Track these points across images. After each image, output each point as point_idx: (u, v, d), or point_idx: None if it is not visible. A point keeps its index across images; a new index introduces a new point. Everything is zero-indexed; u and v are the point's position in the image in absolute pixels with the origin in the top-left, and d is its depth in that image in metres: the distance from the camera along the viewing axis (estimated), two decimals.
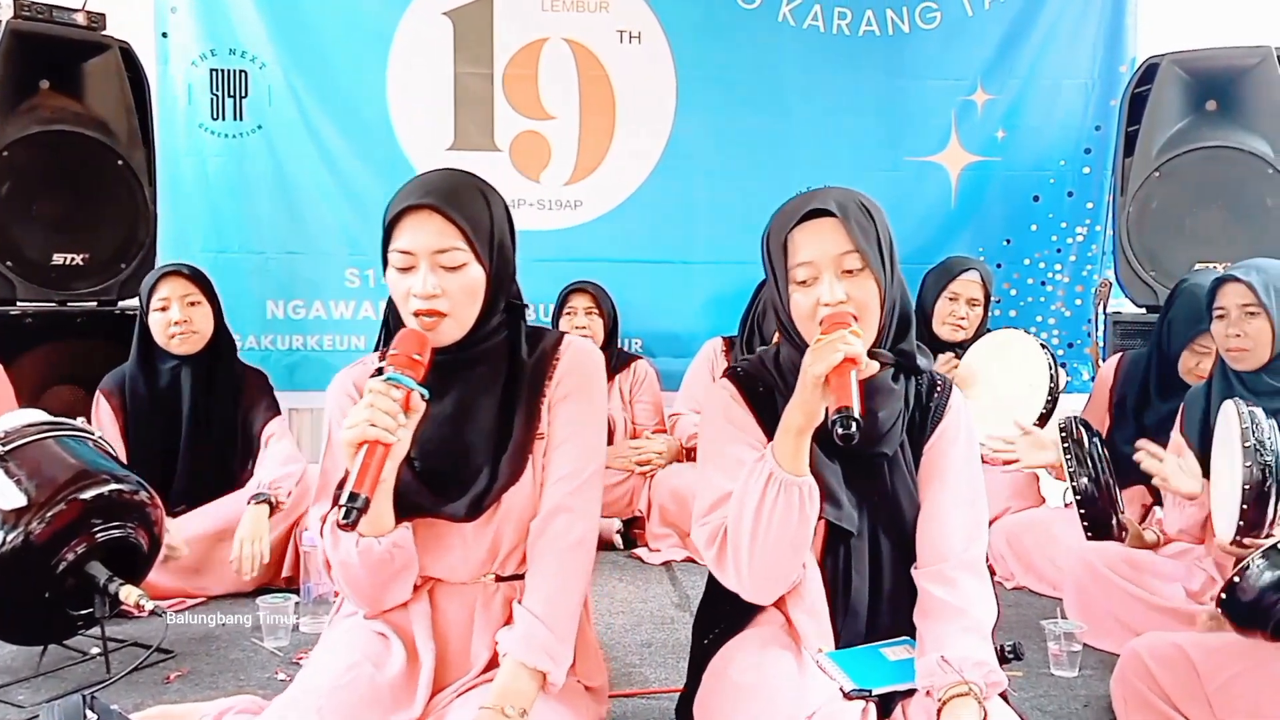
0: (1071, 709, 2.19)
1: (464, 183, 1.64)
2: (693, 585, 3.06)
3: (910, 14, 4.12)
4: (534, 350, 1.69)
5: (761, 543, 1.52)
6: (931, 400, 1.68)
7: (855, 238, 1.55)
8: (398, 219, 1.58)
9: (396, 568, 1.58)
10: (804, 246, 1.58)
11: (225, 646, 2.50)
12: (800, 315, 1.60)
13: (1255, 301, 2.33)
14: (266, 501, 2.82)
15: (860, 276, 1.57)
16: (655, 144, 4.10)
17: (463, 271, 1.57)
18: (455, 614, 1.65)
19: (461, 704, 1.55)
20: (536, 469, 1.64)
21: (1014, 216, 4.20)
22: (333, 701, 1.50)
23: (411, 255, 1.56)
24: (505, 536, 1.64)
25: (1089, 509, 2.71)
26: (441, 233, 1.56)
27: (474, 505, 1.60)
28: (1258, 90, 3.63)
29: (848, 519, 1.60)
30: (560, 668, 1.55)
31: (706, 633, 1.75)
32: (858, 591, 1.62)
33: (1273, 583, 1.63)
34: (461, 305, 1.58)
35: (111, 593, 2.17)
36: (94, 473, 2.24)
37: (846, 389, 1.46)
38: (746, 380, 1.70)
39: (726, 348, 3.81)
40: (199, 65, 3.90)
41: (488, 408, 1.64)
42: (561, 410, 1.66)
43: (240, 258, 3.95)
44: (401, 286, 1.58)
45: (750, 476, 1.53)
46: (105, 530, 2.21)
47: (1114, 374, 3.20)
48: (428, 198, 1.57)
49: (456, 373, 1.63)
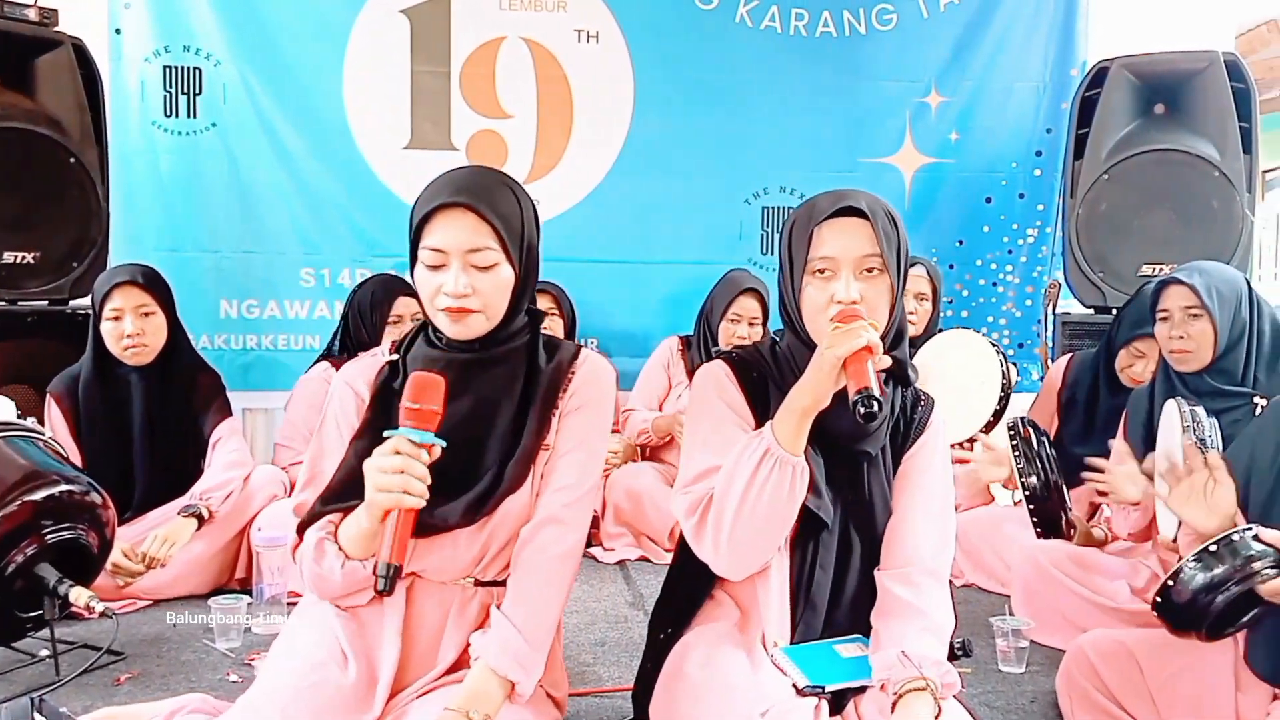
0: (1018, 704, 2.22)
1: (497, 180, 1.62)
2: (647, 585, 3.08)
3: (866, 16, 4.16)
4: (551, 359, 1.68)
5: (747, 516, 1.53)
6: (916, 413, 1.72)
7: (880, 242, 1.58)
8: (429, 216, 1.56)
9: (371, 583, 1.56)
10: (829, 241, 1.60)
11: (177, 648, 2.48)
12: (812, 307, 1.62)
13: (1198, 304, 2.37)
14: (195, 514, 2.80)
15: (877, 279, 1.60)
16: (613, 144, 4.10)
17: (494, 271, 1.56)
18: (430, 613, 1.64)
19: (423, 704, 1.54)
20: (536, 478, 1.64)
21: (967, 218, 4.25)
22: (296, 704, 1.49)
23: (443, 253, 1.55)
24: (495, 542, 1.63)
25: (1039, 508, 2.76)
26: (475, 231, 1.55)
27: (471, 510, 1.59)
28: (1204, 94, 3.69)
29: (825, 510, 1.62)
30: (531, 680, 1.55)
31: (661, 630, 1.76)
32: (819, 585, 1.64)
33: (1205, 584, 1.66)
34: (491, 304, 1.58)
35: (61, 595, 2.15)
36: (44, 474, 2.22)
37: (865, 373, 1.49)
38: (742, 364, 1.72)
39: (683, 347, 3.82)
40: (152, 62, 3.85)
41: (505, 411, 1.63)
42: (570, 421, 1.66)
43: (194, 257, 3.90)
44: (431, 284, 1.56)
45: (745, 450, 1.54)
46: (55, 532, 2.18)
47: (1062, 375, 3.25)
48: (461, 195, 1.55)
49: (479, 371, 1.62)
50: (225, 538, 2.87)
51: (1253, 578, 1.64)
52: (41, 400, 2.95)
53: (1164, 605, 1.72)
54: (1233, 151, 3.65)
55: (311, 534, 1.59)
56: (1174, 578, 1.69)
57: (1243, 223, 3.62)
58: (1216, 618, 1.69)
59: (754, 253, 4.19)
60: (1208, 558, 1.67)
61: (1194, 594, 1.67)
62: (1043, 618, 2.57)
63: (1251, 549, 1.65)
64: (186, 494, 2.89)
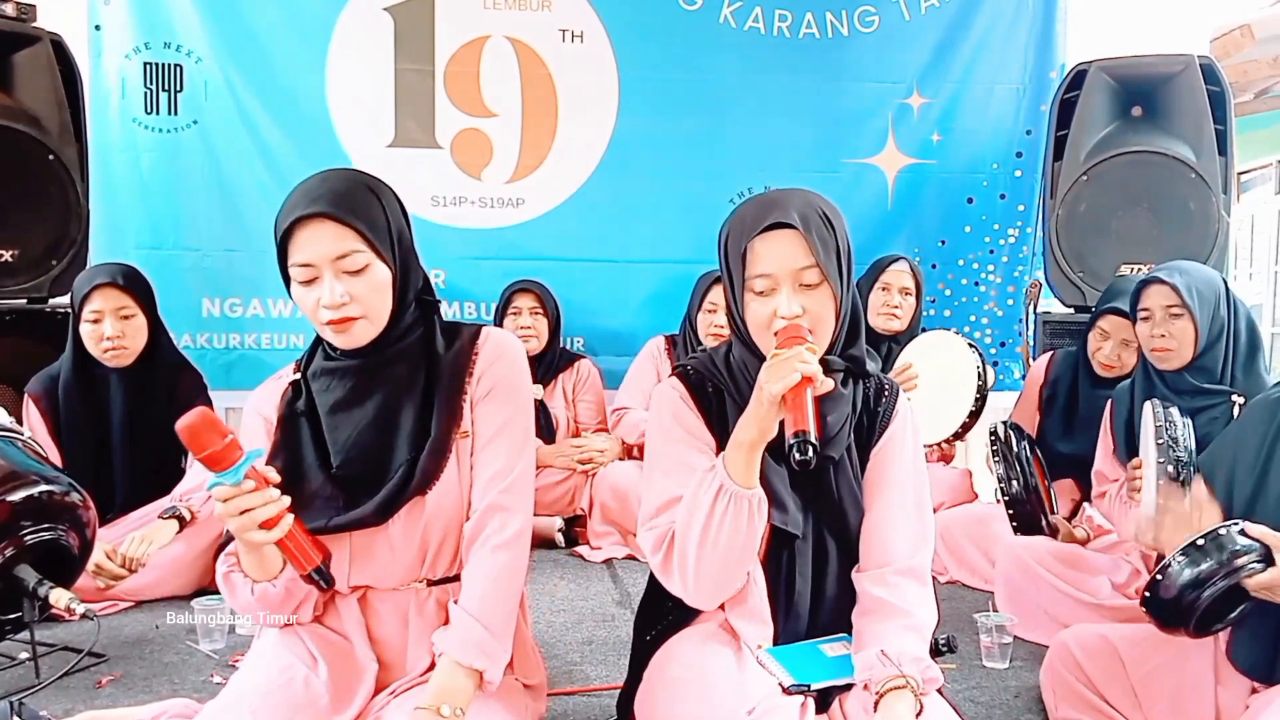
0: (1002, 700, 2.24)
1: (351, 182, 1.58)
2: (634, 583, 3.08)
3: (849, 17, 4.17)
4: (451, 345, 1.65)
5: (709, 553, 1.51)
6: (879, 405, 1.68)
7: (815, 252, 1.53)
8: (290, 232, 1.53)
9: (298, 600, 1.58)
10: (763, 258, 1.55)
11: (159, 650, 2.46)
12: (756, 324, 1.58)
13: (1179, 303, 2.40)
14: (177, 516, 2.78)
15: (818, 290, 1.55)
16: (597, 143, 4.10)
17: (368, 273, 1.53)
18: (389, 620, 1.63)
19: (397, 705, 1.54)
20: (463, 468, 1.61)
21: (948, 218, 4.27)
22: (266, 704, 1.48)
23: (313, 267, 1.52)
24: (433, 539, 1.61)
25: (1018, 511, 2.79)
26: (339, 238, 1.51)
27: (384, 508, 1.57)
28: (1181, 97, 3.73)
29: (793, 523, 1.60)
30: (497, 666, 1.54)
31: (648, 629, 1.75)
32: (800, 594, 1.63)
33: (1191, 580, 1.67)
34: (373, 306, 1.55)
35: (41, 596, 2.12)
36: (23, 474, 2.19)
37: (803, 410, 1.44)
38: (696, 380, 1.69)
39: (669, 346, 3.84)
40: (133, 59, 3.82)
41: (409, 409, 1.60)
42: (486, 407, 1.63)
43: (175, 255, 3.87)
44: (309, 300, 1.54)
45: (700, 487, 1.52)
46: (35, 533, 2.15)
47: (1044, 372, 3.28)
48: (317, 205, 1.51)
49: (375, 375, 1.60)
50: (208, 539, 2.83)
51: (1238, 572, 1.65)
52: (20, 399, 2.92)
53: (1152, 601, 1.73)
54: (1208, 153, 3.68)
55: (219, 569, 1.60)
56: (1161, 573, 1.70)
57: (1219, 223, 3.66)
58: (1203, 613, 1.70)
59: None
60: (1194, 553, 1.67)
61: (1181, 590, 1.68)
62: (1026, 614, 2.60)
63: (1237, 544, 1.66)
64: (168, 495, 2.87)
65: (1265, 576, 1.65)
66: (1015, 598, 2.67)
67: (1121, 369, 2.95)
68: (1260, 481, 1.79)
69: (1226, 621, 1.75)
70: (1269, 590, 1.66)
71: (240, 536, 1.46)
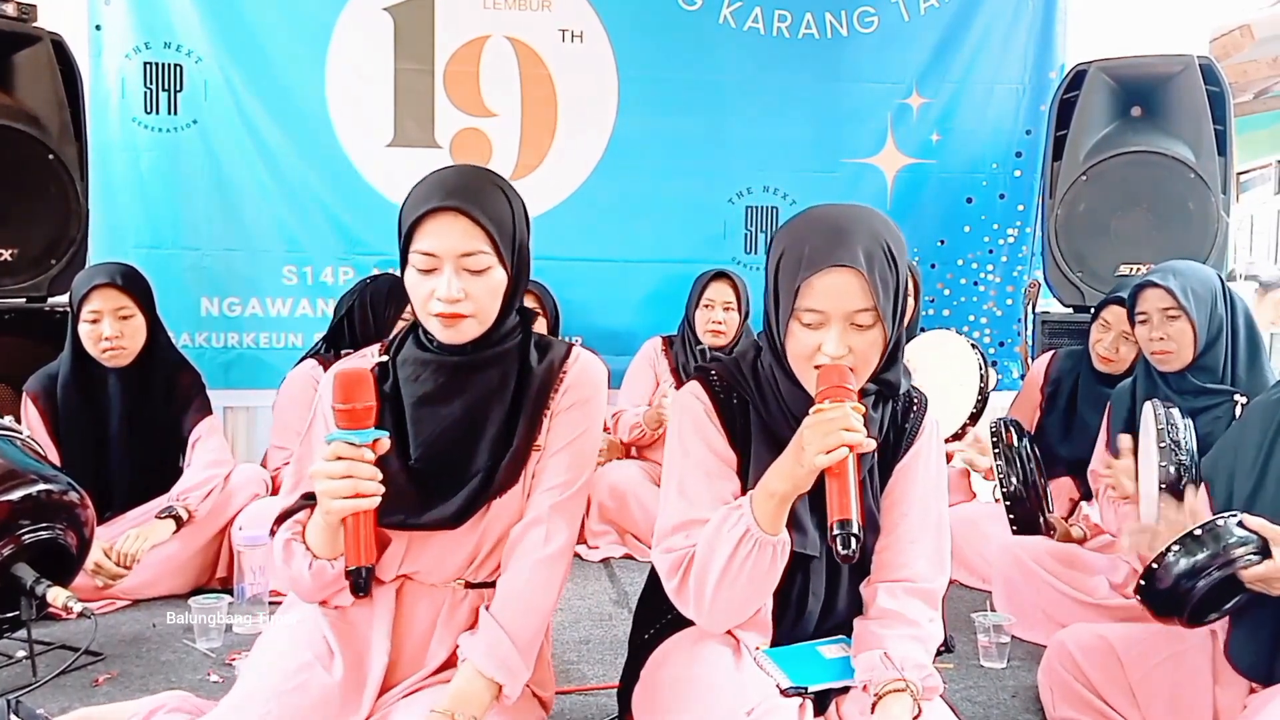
0: (1000, 699, 2.24)
1: (487, 181, 1.59)
2: (631, 582, 3.08)
3: (849, 18, 4.18)
4: (543, 359, 1.66)
5: (727, 590, 1.49)
6: (907, 421, 1.66)
7: (875, 293, 1.46)
8: (420, 219, 1.53)
9: (346, 585, 1.54)
10: (819, 295, 1.48)
11: (156, 648, 2.46)
12: (797, 354, 1.53)
13: (1175, 305, 2.39)
14: (174, 516, 2.78)
15: (869, 331, 1.50)
16: (597, 143, 4.10)
17: (487, 275, 1.54)
18: (420, 615, 1.63)
19: (409, 704, 1.54)
20: (528, 479, 1.62)
21: (948, 218, 4.28)
22: (280, 705, 1.48)
23: (435, 258, 1.52)
24: (487, 543, 1.62)
25: (1017, 509, 2.78)
26: (467, 235, 1.52)
27: (463, 512, 1.58)
28: (1180, 97, 3.73)
29: (811, 545, 1.58)
30: (518, 683, 1.54)
31: (646, 629, 1.75)
32: (811, 612, 1.63)
33: (1187, 570, 1.67)
34: (484, 307, 1.56)
35: (39, 595, 2.12)
36: (21, 473, 2.19)
37: (846, 491, 1.37)
38: (721, 389, 1.64)
39: (666, 347, 3.84)
40: (133, 58, 3.82)
41: (496, 413, 1.61)
42: (561, 422, 1.64)
43: (174, 254, 3.87)
44: (423, 288, 1.54)
45: (725, 525, 1.49)
46: (33, 532, 2.15)
47: (1044, 371, 3.28)
48: (452, 199, 1.52)
49: (470, 375, 1.60)
50: (206, 537, 2.85)
51: (1234, 563, 1.65)
52: (18, 398, 2.92)
53: (1147, 589, 1.72)
54: (1208, 153, 3.68)
55: (280, 535, 1.57)
56: (1157, 562, 1.69)
57: (1218, 223, 3.66)
58: (1198, 604, 1.69)
59: (738, 252, 4.20)
60: (1190, 543, 1.67)
61: (1176, 579, 1.68)
62: (1023, 613, 2.60)
63: (1234, 535, 1.66)
64: (166, 494, 2.87)
65: (1261, 568, 1.64)
66: (1013, 597, 2.67)
67: (1120, 363, 2.95)
68: (1259, 481, 1.79)
69: (1221, 612, 1.75)
70: (1264, 582, 1.66)
71: (327, 501, 1.44)
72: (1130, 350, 2.90)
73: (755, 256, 4.18)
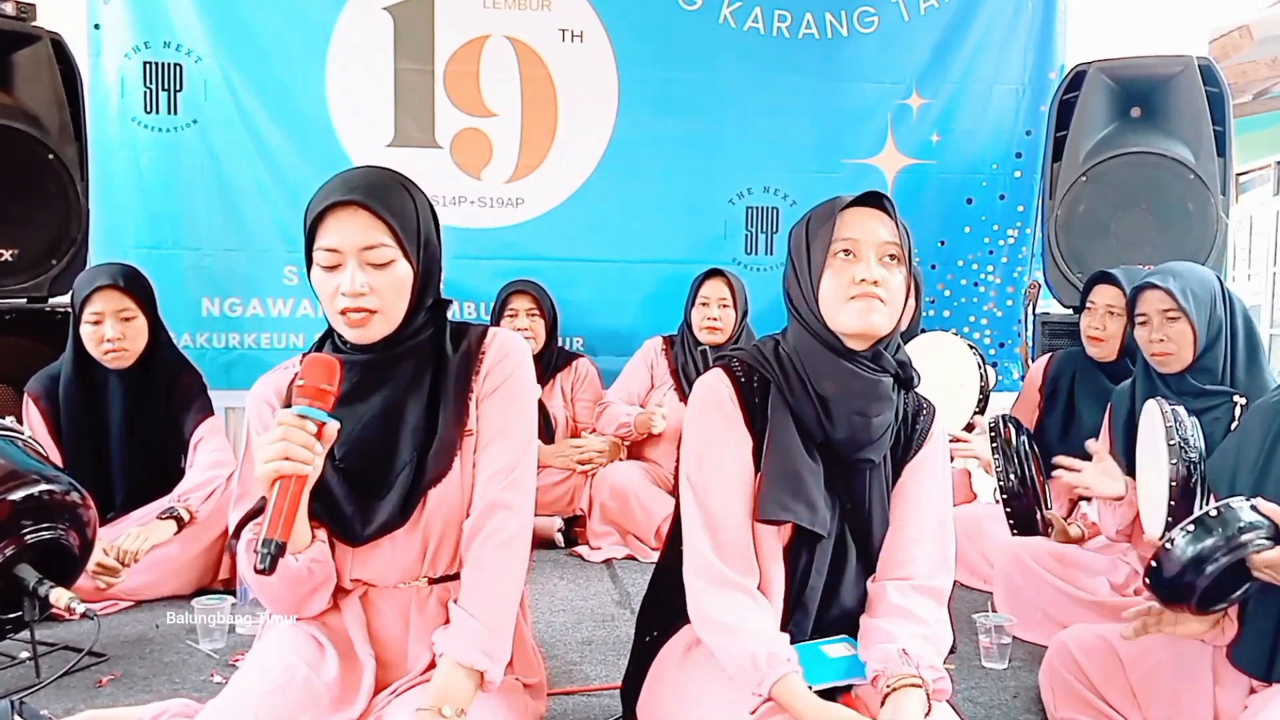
0: (1001, 700, 2.24)
1: (389, 178, 1.60)
2: (633, 583, 3.09)
3: (849, 18, 4.18)
4: (459, 346, 1.66)
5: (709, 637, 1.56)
6: (918, 423, 1.70)
7: (900, 232, 1.60)
8: (322, 216, 1.54)
9: (316, 582, 1.56)
10: (853, 226, 1.60)
11: (159, 649, 2.46)
12: (834, 289, 1.59)
13: (1175, 306, 2.39)
14: (175, 517, 2.78)
15: (897, 267, 1.61)
16: (597, 143, 4.11)
17: (391, 269, 1.55)
18: (390, 618, 1.63)
19: (399, 705, 1.54)
20: (466, 466, 1.62)
21: (948, 219, 4.28)
22: (268, 704, 1.48)
23: (338, 253, 1.53)
24: (433, 536, 1.62)
25: (1014, 505, 2.78)
26: (368, 229, 1.53)
27: (403, 507, 1.58)
28: (1180, 98, 3.73)
29: (820, 523, 1.60)
30: (498, 666, 1.54)
31: (649, 630, 1.76)
32: (813, 590, 1.63)
33: (1194, 557, 1.64)
34: (390, 302, 1.56)
35: (41, 595, 2.12)
36: (23, 473, 2.19)
37: None
38: (742, 373, 1.67)
39: (666, 347, 3.85)
40: (132, 58, 3.81)
41: (414, 406, 1.61)
42: (490, 405, 1.63)
43: (175, 254, 3.87)
44: (329, 285, 1.55)
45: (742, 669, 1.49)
46: (35, 532, 2.15)
47: (1043, 371, 3.28)
48: (353, 194, 1.53)
49: (383, 371, 1.61)
50: (208, 538, 2.85)
51: (1242, 548, 1.63)
52: (19, 399, 2.92)
53: (1155, 576, 1.71)
54: (1207, 154, 3.69)
55: (245, 535, 1.57)
56: (1164, 549, 1.68)
57: (1217, 224, 3.67)
58: (1205, 591, 1.67)
59: (738, 252, 4.20)
60: (1199, 529, 1.65)
61: (1183, 567, 1.66)
62: (1024, 614, 2.60)
63: (1243, 519, 1.64)
64: (168, 495, 2.87)
65: (1272, 554, 1.63)
66: (1014, 598, 2.68)
67: (1109, 341, 2.96)
68: (1260, 479, 1.80)
69: (1230, 601, 1.73)
70: (1273, 568, 1.64)
71: (260, 463, 1.43)
72: (1117, 326, 2.92)
73: (756, 257, 4.19)
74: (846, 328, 1.59)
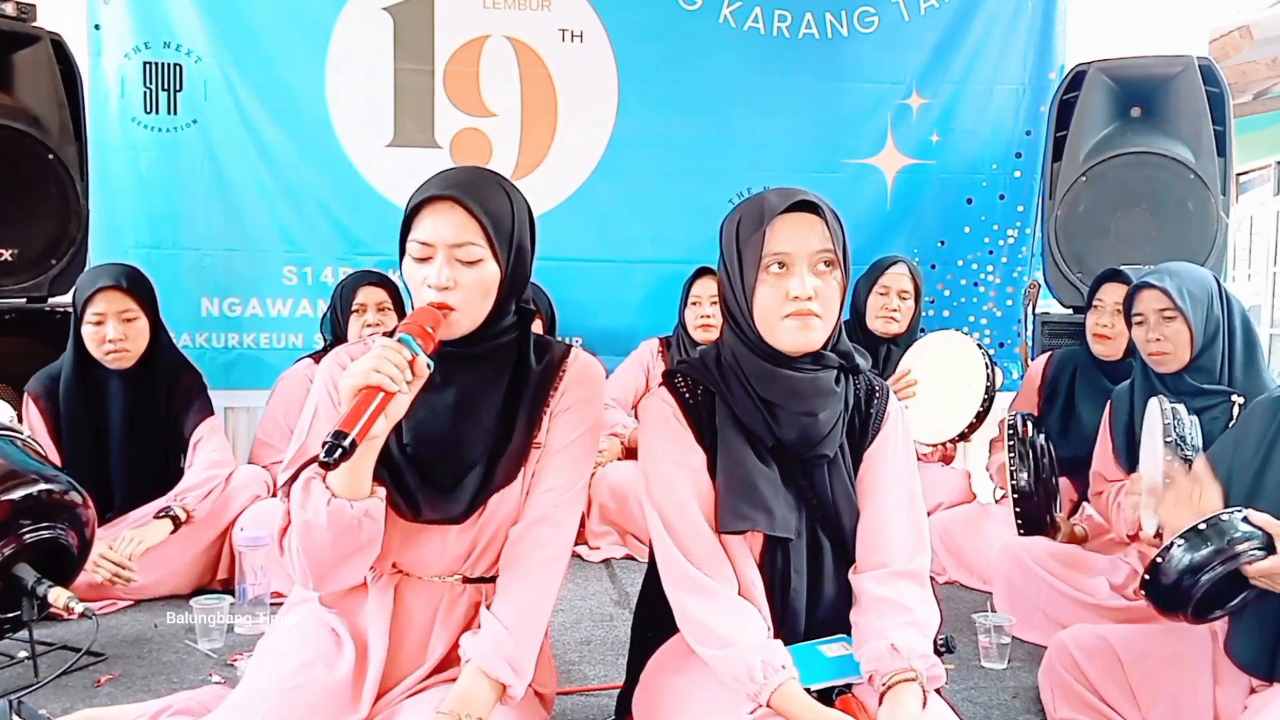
0: (1000, 700, 2.24)
1: (489, 179, 1.62)
2: (632, 583, 3.08)
3: (849, 18, 4.18)
4: (541, 359, 1.68)
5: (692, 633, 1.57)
6: (871, 406, 1.68)
7: (833, 237, 1.57)
8: (419, 209, 1.56)
9: (362, 540, 1.51)
10: (783, 237, 1.56)
11: (158, 649, 2.46)
12: (766, 305, 1.58)
13: (1171, 306, 2.40)
14: (171, 516, 2.77)
15: (830, 275, 1.58)
16: (597, 143, 4.11)
17: (478, 267, 1.55)
18: (418, 610, 1.63)
19: (413, 704, 1.54)
20: (527, 477, 1.64)
21: (948, 218, 4.28)
22: (281, 704, 1.48)
23: (429, 246, 1.55)
24: (484, 538, 1.63)
25: (1024, 506, 2.77)
26: (461, 226, 1.54)
27: (470, 507, 1.60)
28: (1180, 98, 3.73)
29: (781, 526, 1.59)
30: (522, 681, 1.54)
31: (647, 629, 1.76)
32: (796, 592, 1.62)
33: (1190, 565, 1.66)
34: (473, 301, 1.56)
35: (40, 595, 2.13)
36: (22, 473, 2.19)
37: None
38: (686, 388, 1.67)
39: (663, 348, 3.85)
40: (132, 58, 3.81)
41: (489, 405, 1.63)
42: (561, 422, 1.66)
43: (175, 254, 3.87)
44: (417, 275, 1.57)
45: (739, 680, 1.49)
46: (34, 531, 2.16)
47: (1043, 371, 3.27)
48: (451, 190, 1.55)
49: (462, 365, 1.61)
50: (207, 538, 2.85)
51: (1237, 559, 1.64)
52: (19, 399, 2.92)
53: (1151, 584, 1.72)
54: (1207, 154, 3.69)
55: (303, 476, 1.52)
56: (1161, 557, 1.69)
57: (1217, 224, 3.67)
58: (1202, 599, 1.68)
59: None
60: (1195, 538, 1.66)
61: (1179, 574, 1.67)
62: (1024, 614, 2.60)
63: (1238, 530, 1.65)
64: (167, 495, 2.87)
65: (1265, 564, 1.64)
66: (1013, 598, 2.68)
67: (1116, 340, 2.95)
68: (1258, 477, 1.80)
69: (1226, 609, 1.74)
70: (1268, 578, 1.65)
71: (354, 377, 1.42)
72: (1124, 325, 2.91)
73: None
74: (783, 346, 1.59)
